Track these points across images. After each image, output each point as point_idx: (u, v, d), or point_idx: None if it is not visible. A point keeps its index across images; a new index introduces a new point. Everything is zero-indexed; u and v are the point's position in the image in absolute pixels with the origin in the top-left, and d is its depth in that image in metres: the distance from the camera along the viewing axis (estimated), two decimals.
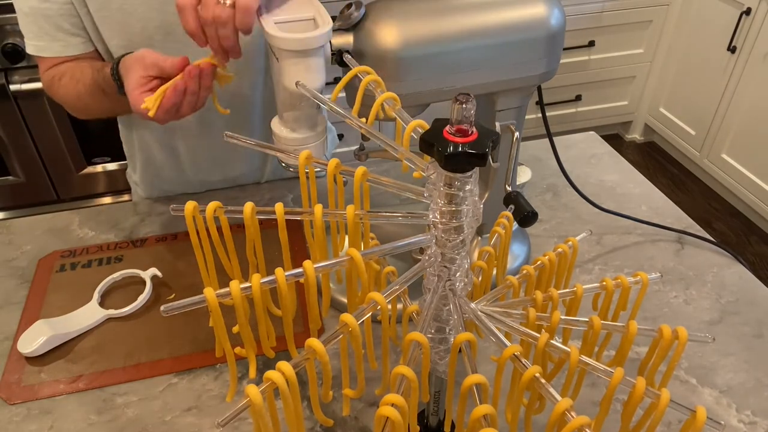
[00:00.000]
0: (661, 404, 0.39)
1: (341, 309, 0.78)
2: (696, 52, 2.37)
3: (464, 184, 0.40)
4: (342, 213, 0.46)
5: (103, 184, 2.10)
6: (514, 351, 0.39)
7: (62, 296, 0.81)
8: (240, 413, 0.34)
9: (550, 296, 0.50)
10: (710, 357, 0.74)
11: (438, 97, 0.65)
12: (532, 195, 1.00)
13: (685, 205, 2.34)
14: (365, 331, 0.44)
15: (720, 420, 0.40)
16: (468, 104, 0.37)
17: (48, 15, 0.82)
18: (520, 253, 0.86)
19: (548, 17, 0.64)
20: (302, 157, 0.49)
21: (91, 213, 0.97)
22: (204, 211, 0.47)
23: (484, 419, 0.35)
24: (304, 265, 0.40)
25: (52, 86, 0.88)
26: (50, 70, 0.87)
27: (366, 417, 0.67)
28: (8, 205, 2.08)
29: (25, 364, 0.73)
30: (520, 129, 0.72)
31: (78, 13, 0.83)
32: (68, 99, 0.87)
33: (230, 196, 1.01)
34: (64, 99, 0.88)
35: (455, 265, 0.44)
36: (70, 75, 0.85)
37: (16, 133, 1.90)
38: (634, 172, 1.06)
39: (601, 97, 2.62)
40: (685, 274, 0.85)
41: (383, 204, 0.84)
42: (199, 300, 0.38)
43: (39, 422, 0.67)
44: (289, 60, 0.61)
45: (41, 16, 0.82)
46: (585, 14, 2.32)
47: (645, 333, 0.47)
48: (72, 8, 0.82)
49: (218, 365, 0.73)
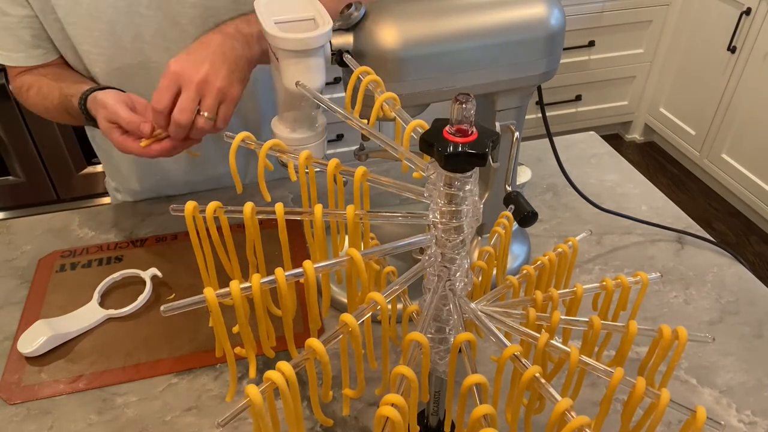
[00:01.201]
0: (661, 404, 0.39)
1: (341, 309, 0.78)
2: (696, 52, 2.37)
3: (464, 184, 0.40)
4: (342, 213, 0.45)
5: (103, 184, 2.09)
6: (514, 351, 0.39)
7: (62, 296, 0.81)
8: (240, 413, 0.34)
9: (550, 296, 0.50)
10: (710, 357, 0.74)
11: (438, 97, 0.65)
12: (532, 195, 1.00)
13: (685, 205, 2.35)
14: (365, 331, 0.44)
15: (720, 420, 0.40)
16: (468, 104, 0.37)
17: (8, 27, 0.81)
18: (520, 253, 0.86)
19: (548, 17, 0.64)
20: (302, 157, 0.49)
21: (91, 213, 0.97)
22: (204, 211, 0.47)
23: (484, 419, 0.35)
24: (304, 265, 0.40)
25: (21, 95, 0.89)
26: (17, 78, 0.88)
27: (366, 417, 0.67)
28: (8, 205, 2.08)
29: (25, 364, 0.73)
30: (520, 129, 0.72)
31: (42, 25, 0.82)
32: (37, 110, 0.88)
33: (230, 196, 1.01)
34: (33, 109, 0.89)
35: (455, 265, 0.44)
36: (36, 89, 0.85)
37: (16, 133, 1.90)
38: (634, 172, 1.06)
39: (601, 97, 2.62)
40: (685, 274, 0.85)
41: (383, 204, 0.84)
42: (199, 300, 0.38)
43: (39, 422, 0.67)
44: (289, 60, 0.61)
45: (1, 29, 0.82)
46: (585, 14, 2.32)
47: (645, 333, 0.47)
48: (34, 20, 0.81)
49: (218, 365, 0.73)
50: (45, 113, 0.87)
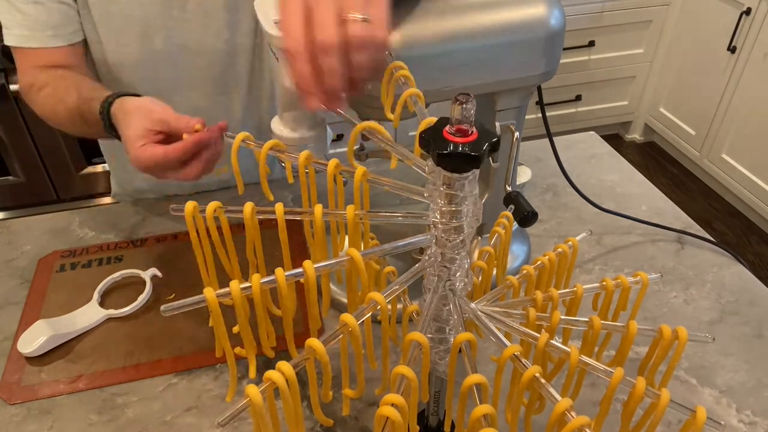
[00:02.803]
0: (661, 404, 0.39)
1: (341, 309, 0.78)
2: (696, 52, 2.37)
3: (464, 184, 0.40)
4: (342, 213, 0.45)
5: (103, 184, 2.10)
6: (514, 351, 0.39)
7: (62, 296, 0.81)
8: (240, 413, 0.34)
9: (550, 296, 0.50)
10: (710, 357, 0.74)
11: (438, 97, 0.65)
12: (532, 195, 1.00)
13: (685, 205, 2.34)
14: (365, 331, 0.44)
15: (720, 420, 0.40)
16: (468, 104, 0.37)
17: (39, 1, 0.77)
18: (520, 253, 0.86)
19: (548, 17, 0.64)
20: (302, 157, 0.49)
21: (91, 213, 0.97)
22: (204, 211, 0.47)
23: (484, 419, 0.35)
24: (304, 265, 0.40)
25: (30, 94, 0.83)
26: (30, 73, 0.82)
27: (366, 417, 0.67)
28: (8, 205, 2.08)
29: (25, 364, 0.73)
30: (520, 129, 0.72)
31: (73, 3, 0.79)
32: (44, 112, 0.83)
33: (230, 196, 1.01)
34: (40, 110, 0.84)
35: (455, 265, 0.44)
36: (51, 89, 0.80)
37: (16, 133, 1.90)
38: (634, 172, 1.06)
39: (601, 97, 2.62)
40: (685, 274, 0.85)
41: (383, 204, 0.84)
42: (199, 300, 0.38)
43: (39, 422, 0.67)
44: None
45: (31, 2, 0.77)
46: (585, 14, 2.32)
47: (645, 333, 0.47)
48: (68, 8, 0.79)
49: (218, 365, 0.73)
50: (52, 117, 0.82)
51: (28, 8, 0.78)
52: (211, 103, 0.94)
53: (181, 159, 0.66)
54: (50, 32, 0.80)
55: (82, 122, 0.78)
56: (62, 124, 0.83)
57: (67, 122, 0.81)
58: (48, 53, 0.82)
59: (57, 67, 0.83)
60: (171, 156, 0.65)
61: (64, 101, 0.79)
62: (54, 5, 0.79)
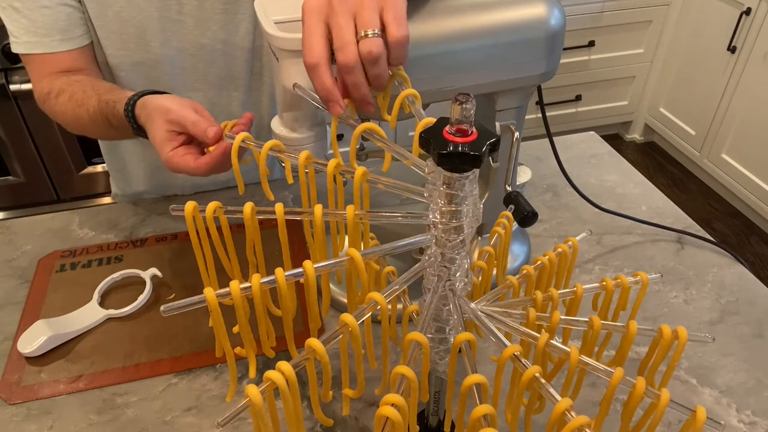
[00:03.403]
0: (661, 404, 0.39)
1: (341, 309, 0.78)
2: (696, 52, 2.37)
3: (464, 184, 0.40)
4: (342, 213, 0.46)
5: (103, 184, 2.10)
6: (514, 351, 0.39)
7: (62, 296, 0.81)
8: (240, 413, 0.34)
9: (550, 296, 0.50)
10: (710, 357, 0.74)
11: (438, 97, 0.65)
12: (532, 195, 1.00)
13: (685, 205, 2.35)
14: (365, 331, 0.44)
15: (720, 420, 0.40)
16: (468, 104, 0.37)
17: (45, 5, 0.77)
18: (520, 253, 0.86)
19: (548, 17, 0.64)
20: (302, 157, 0.49)
21: (91, 213, 0.97)
22: (204, 211, 0.47)
23: (484, 419, 0.35)
24: (304, 265, 0.40)
25: (48, 101, 0.82)
26: (45, 81, 0.82)
27: (366, 417, 0.67)
28: (8, 205, 2.08)
29: (25, 364, 0.73)
30: (520, 129, 0.72)
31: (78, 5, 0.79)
32: (65, 118, 0.82)
33: (231, 197, 1.01)
34: (61, 118, 0.82)
35: (455, 265, 0.44)
36: (69, 95, 0.79)
37: (16, 133, 1.90)
38: (634, 172, 1.06)
39: (601, 97, 2.62)
40: (685, 274, 0.85)
41: (383, 204, 0.84)
42: (199, 300, 0.38)
43: (39, 422, 0.67)
44: (289, 60, 0.61)
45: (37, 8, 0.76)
46: (585, 14, 2.32)
47: (645, 333, 0.47)
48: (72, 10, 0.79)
49: (218, 365, 0.73)
50: (75, 122, 0.81)
51: (34, 14, 0.78)
52: (211, 104, 0.95)
53: (209, 173, 0.67)
54: (58, 37, 0.80)
55: (107, 125, 0.77)
56: (86, 129, 0.82)
57: (91, 127, 0.80)
58: (58, 58, 0.82)
59: (69, 72, 0.82)
60: (199, 172, 0.66)
61: (84, 105, 0.78)
62: (60, 8, 0.79)
